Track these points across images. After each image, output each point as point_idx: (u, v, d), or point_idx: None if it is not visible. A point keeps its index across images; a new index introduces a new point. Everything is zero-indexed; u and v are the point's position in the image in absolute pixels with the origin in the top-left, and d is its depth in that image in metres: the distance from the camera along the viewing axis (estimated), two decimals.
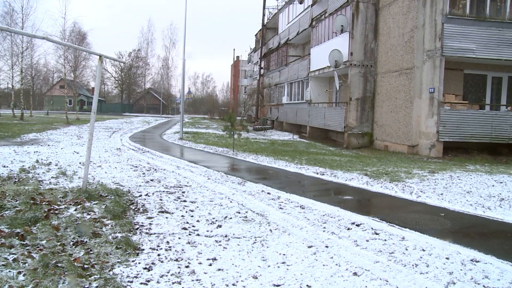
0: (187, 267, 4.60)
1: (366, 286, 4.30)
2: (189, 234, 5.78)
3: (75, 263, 4.41)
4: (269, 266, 4.73)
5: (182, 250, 5.14)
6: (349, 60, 21.36)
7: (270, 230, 6.10)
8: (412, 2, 18.03)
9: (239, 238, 5.71)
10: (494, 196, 9.15)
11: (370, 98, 21.46)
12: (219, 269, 4.57)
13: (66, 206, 6.77)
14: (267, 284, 4.25)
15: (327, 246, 5.48)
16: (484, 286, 4.48)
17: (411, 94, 17.90)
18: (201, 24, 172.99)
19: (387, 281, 4.46)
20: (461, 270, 4.88)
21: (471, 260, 5.20)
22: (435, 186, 10.09)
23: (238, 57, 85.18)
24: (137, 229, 5.93)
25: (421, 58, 17.33)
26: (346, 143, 21.31)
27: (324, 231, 6.21)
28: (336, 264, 4.86)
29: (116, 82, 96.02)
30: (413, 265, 4.95)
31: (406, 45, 18.40)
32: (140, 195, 8.18)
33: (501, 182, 10.87)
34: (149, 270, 4.46)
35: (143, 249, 5.10)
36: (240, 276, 4.41)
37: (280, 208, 7.59)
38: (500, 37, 16.68)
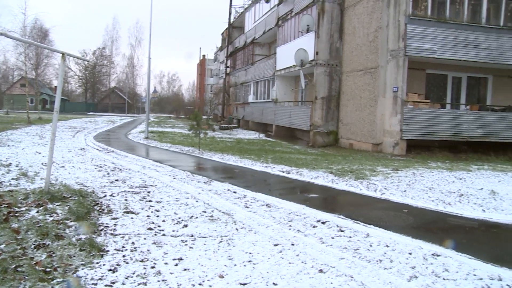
0: (152, 267, 4.56)
1: (331, 283, 4.36)
2: (155, 234, 5.73)
3: (37, 267, 4.30)
4: (235, 265, 4.74)
5: (148, 250, 5.09)
6: (315, 59, 21.56)
7: (236, 229, 6.10)
8: (376, 3, 18.34)
9: (205, 237, 5.69)
10: (454, 192, 9.41)
11: (336, 97, 21.71)
12: (185, 269, 4.55)
13: (27, 208, 6.59)
14: (234, 283, 4.25)
15: (293, 244, 5.52)
16: (444, 278, 4.62)
17: (375, 93, 18.21)
18: (167, 23, 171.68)
19: (352, 277, 4.53)
20: (423, 264, 5.01)
21: (433, 254, 5.35)
22: (398, 183, 10.30)
23: (204, 55, 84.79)
24: (101, 230, 5.84)
25: (385, 57, 17.65)
26: (312, 141, 21.50)
27: (290, 229, 6.25)
28: (302, 262, 4.90)
29: (80, 80, 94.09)
30: (377, 261, 5.05)
31: (371, 45, 18.71)
32: (105, 196, 8.05)
33: (460, 179, 11.20)
34: (114, 272, 4.40)
35: (108, 251, 5.02)
36: (207, 275, 4.40)
37: (246, 207, 7.61)
38: (460, 38, 17.16)
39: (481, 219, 7.61)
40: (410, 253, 5.35)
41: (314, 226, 6.43)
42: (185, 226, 6.19)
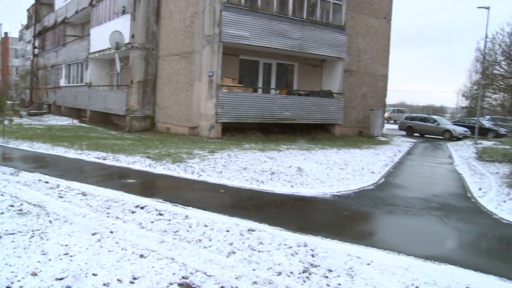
0: None
1: (153, 267, 4.35)
2: None
3: None
4: (50, 259, 4.42)
5: None
6: (130, 43, 20.91)
7: (50, 221, 5.66)
8: None
9: (13, 234, 5.16)
10: (266, 171, 10.10)
11: (152, 81, 21.43)
12: None
13: None
14: (49, 279, 3.98)
15: (112, 232, 5.36)
16: (259, 251, 4.95)
17: (191, 77, 18.44)
18: None
19: (174, 259, 4.57)
20: (240, 240, 5.28)
21: (248, 230, 5.68)
22: (215, 165, 10.65)
23: (6, 33, 75.60)
24: None
25: (201, 43, 17.96)
26: (128, 126, 20.95)
27: (108, 216, 6.05)
28: (122, 249, 4.79)
29: None
30: (197, 241, 5.17)
31: (187, 29, 18.83)
32: None
33: (272, 158, 12.06)
34: None
35: None
36: (16, 276, 4.02)
37: (60, 196, 7.11)
38: (270, 27, 18.30)
39: (290, 194, 8.35)
40: (227, 231, 5.60)
41: (133, 212, 6.31)
42: None
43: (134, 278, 4.07)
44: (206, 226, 5.78)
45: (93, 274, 4.10)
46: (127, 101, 20.99)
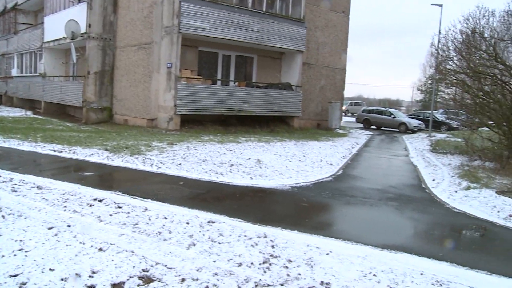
0: None
1: (112, 260, 4.30)
2: None
3: None
4: (3, 256, 4.29)
5: None
6: (87, 32, 20.36)
7: (3, 216, 5.49)
8: None
9: None
10: (226, 163, 10.12)
11: (110, 72, 20.98)
12: None
13: None
14: (2, 276, 3.87)
15: (69, 226, 5.25)
16: (219, 242, 4.98)
17: (150, 68, 18.18)
18: None
19: (133, 252, 4.54)
20: (200, 232, 5.29)
21: (208, 221, 5.69)
22: (174, 157, 10.57)
23: None
24: None
25: (160, 34, 17.71)
26: (85, 118, 20.47)
27: (65, 210, 5.92)
28: (81, 243, 4.71)
29: None
30: (157, 233, 5.14)
31: (145, 20, 18.52)
32: None
33: (231, 150, 12.07)
34: None
35: None
36: None
37: (14, 190, 6.88)
38: (230, 19, 18.21)
39: (249, 186, 8.40)
40: (187, 223, 5.59)
41: (91, 205, 6.20)
42: None
43: (93, 272, 4.01)
44: (165, 218, 5.75)
45: (50, 269, 4.01)
46: (83, 92, 20.48)
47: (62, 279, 3.83)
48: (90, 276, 3.93)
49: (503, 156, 12.86)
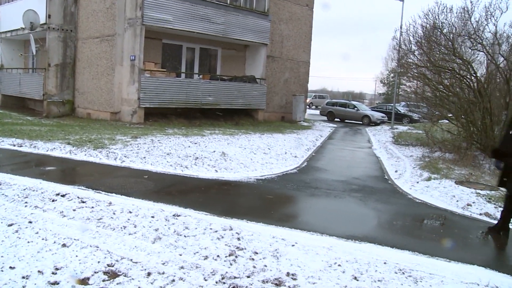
0: None
1: (76, 256, 4.24)
2: None
3: None
4: None
5: None
6: (47, 23, 19.78)
7: None
8: None
9: None
10: (190, 156, 10.08)
11: (71, 64, 20.49)
12: None
13: None
14: None
15: (30, 222, 5.13)
16: (185, 236, 4.98)
17: (112, 61, 17.85)
18: None
19: (98, 246, 4.49)
20: (165, 225, 5.27)
21: (174, 215, 5.67)
22: (138, 150, 10.46)
23: None
24: None
25: (123, 25, 17.40)
26: (46, 111, 19.95)
27: (26, 206, 5.78)
28: (43, 239, 4.62)
29: None
30: (121, 228, 5.09)
31: (108, 11, 18.15)
32: None
33: (195, 143, 12.03)
34: None
35: None
36: None
37: None
38: (194, 12, 18.05)
39: (215, 179, 8.41)
40: (153, 217, 5.56)
41: (53, 200, 6.08)
42: None
43: (57, 269, 3.95)
44: (130, 212, 5.70)
45: (11, 267, 3.92)
46: (44, 85, 19.93)
47: (23, 277, 3.76)
48: (53, 273, 3.87)
49: (462, 148, 13.29)
